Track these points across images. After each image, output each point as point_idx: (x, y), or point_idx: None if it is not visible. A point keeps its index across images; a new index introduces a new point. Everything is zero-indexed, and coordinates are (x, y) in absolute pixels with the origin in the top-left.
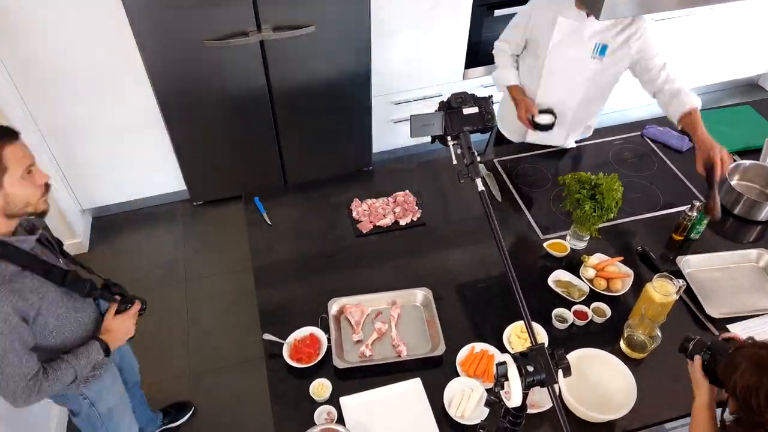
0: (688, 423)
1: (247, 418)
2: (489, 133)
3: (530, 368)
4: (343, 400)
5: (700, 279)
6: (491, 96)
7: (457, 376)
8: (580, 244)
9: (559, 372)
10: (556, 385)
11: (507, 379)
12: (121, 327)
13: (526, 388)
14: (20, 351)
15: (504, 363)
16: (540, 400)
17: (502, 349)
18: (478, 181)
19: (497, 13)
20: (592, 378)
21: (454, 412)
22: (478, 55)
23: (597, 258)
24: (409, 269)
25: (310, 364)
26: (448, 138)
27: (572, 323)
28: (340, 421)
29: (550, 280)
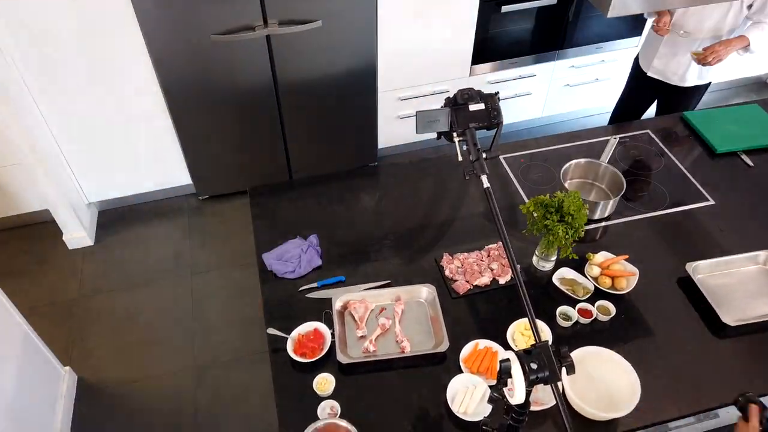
0: (690, 422)
1: (251, 412)
2: (495, 130)
3: (534, 366)
4: None
5: (710, 285)
6: (498, 92)
7: (461, 372)
8: (548, 266)
9: (563, 370)
10: (559, 383)
11: (510, 376)
12: None
13: (530, 386)
14: None
15: (507, 360)
16: (543, 398)
17: (506, 347)
18: (484, 178)
19: (504, 9)
20: (596, 376)
21: (457, 409)
22: (486, 52)
23: (602, 256)
24: (413, 265)
25: (314, 359)
26: (454, 134)
27: (576, 321)
28: (344, 416)
29: (555, 278)
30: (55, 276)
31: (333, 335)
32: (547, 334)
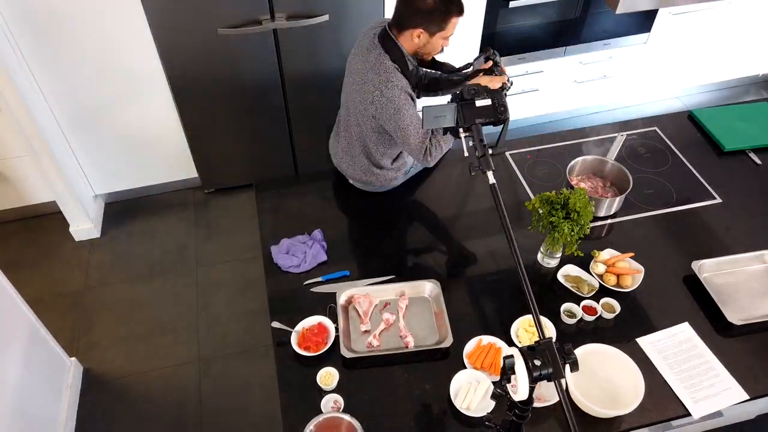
0: (694, 421)
1: (255, 405)
2: (502, 126)
3: (537, 362)
4: None
5: (716, 284)
6: (504, 88)
7: (464, 368)
8: (553, 262)
9: (567, 367)
10: (563, 380)
11: (514, 373)
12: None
13: (533, 382)
14: (416, 120)
15: (511, 356)
16: (546, 394)
17: (510, 343)
18: (490, 174)
19: (512, 4)
20: (600, 374)
21: (460, 404)
22: (493, 47)
23: (608, 253)
24: (418, 261)
25: (318, 353)
26: (460, 130)
27: (581, 318)
28: (347, 410)
29: (560, 275)
30: (62, 267)
31: (337, 329)
32: (551, 330)
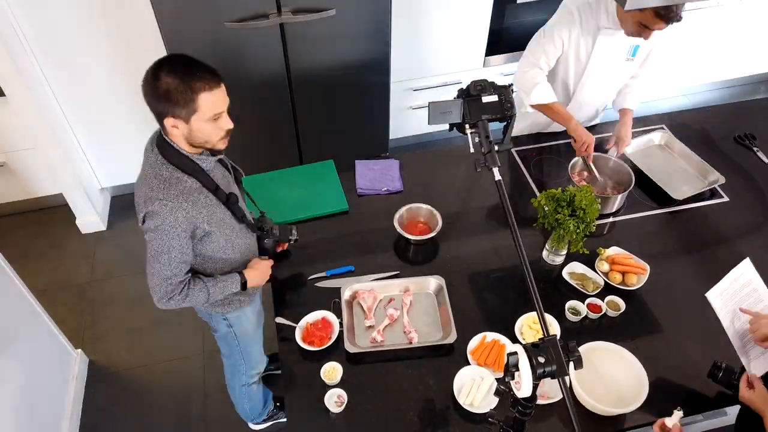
0: (698, 420)
1: None
2: (508, 123)
3: (541, 359)
4: None
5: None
6: (511, 84)
7: (468, 364)
8: (558, 260)
9: (570, 364)
10: (567, 377)
11: (518, 370)
12: (263, 269)
13: (537, 379)
14: (174, 258)
15: (515, 353)
16: (549, 391)
17: (514, 340)
18: (495, 170)
19: (520, 0)
20: (604, 371)
21: (463, 400)
22: (500, 43)
23: (613, 251)
24: (423, 256)
25: (322, 348)
26: (466, 126)
27: (585, 316)
28: (351, 404)
29: (565, 272)
30: (68, 260)
31: (341, 324)
32: (555, 328)
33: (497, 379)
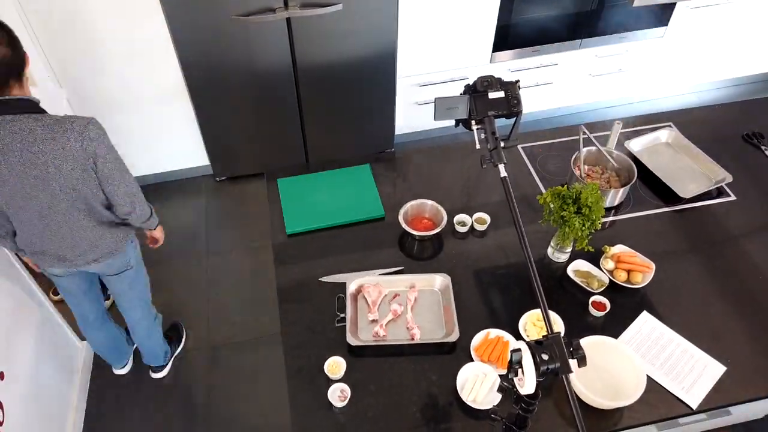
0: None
1: (263, 393)
2: (514, 119)
3: (545, 356)
4: None
5: None
6: (518, 80)
7: (471, 360)
8: (563, 257)
9: (574, 362)
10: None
11: (521, 366)
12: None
13: (540, 377)
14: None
15: (519, 350)
16: None
17: (518, 337)
18: (501, 166)
19: None
20: (602, 365)
21: (466, 397)
22: (507, 39)
23: (618, 249)
24: (428, 252)
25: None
26: (473, 122)
27: (590, 314)
28: (354, 399)
29: (570, 270)
30: None
31: (344, 319)
32: (559, 325)
33: (500, 376)
